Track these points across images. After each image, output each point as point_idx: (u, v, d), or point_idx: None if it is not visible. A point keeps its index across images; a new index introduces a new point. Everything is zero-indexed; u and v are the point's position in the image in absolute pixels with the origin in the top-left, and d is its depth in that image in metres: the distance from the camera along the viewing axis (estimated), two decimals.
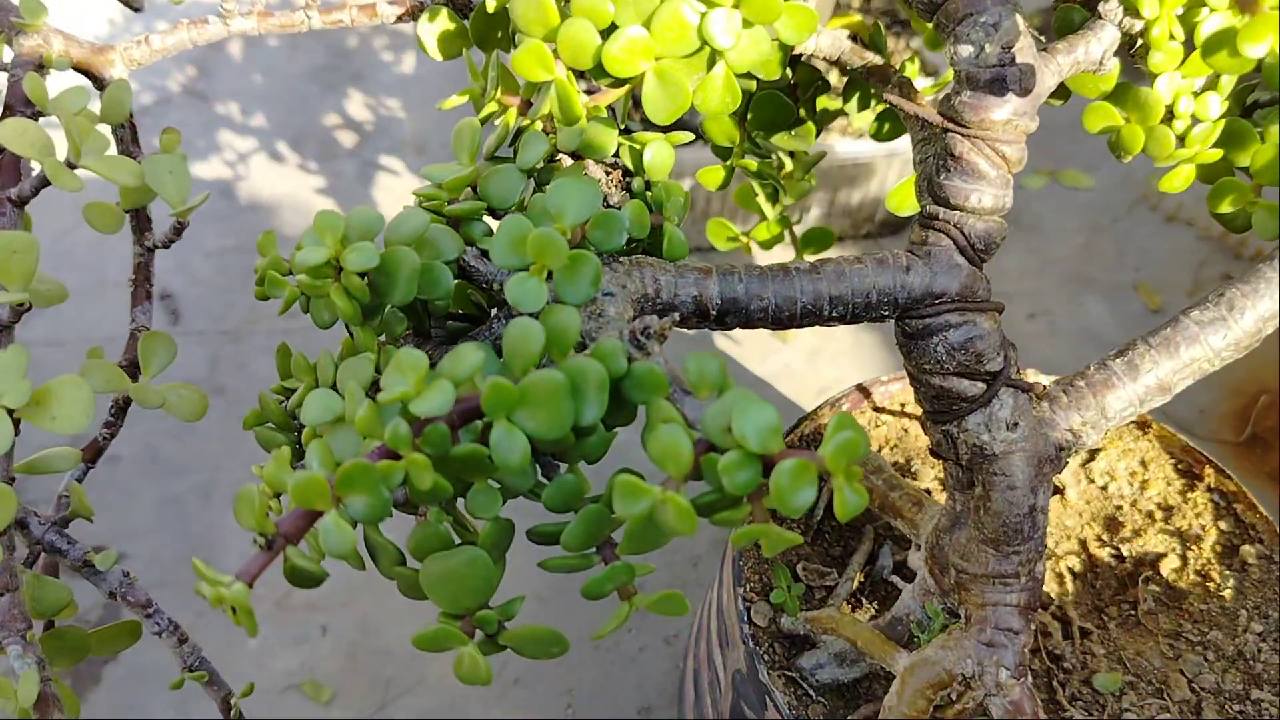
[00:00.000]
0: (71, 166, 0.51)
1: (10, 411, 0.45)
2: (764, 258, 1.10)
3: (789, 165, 0.76)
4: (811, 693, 0.66)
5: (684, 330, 1.24)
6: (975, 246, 0.54)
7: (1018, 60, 0.51)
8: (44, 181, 0.52)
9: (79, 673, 0.91)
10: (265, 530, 0.39)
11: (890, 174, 1.22)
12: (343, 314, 0.46)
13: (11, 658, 0.47)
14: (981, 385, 0.56)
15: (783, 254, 1.00)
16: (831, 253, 0.77)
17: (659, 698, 0.92)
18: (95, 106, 0.55)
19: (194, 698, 0.91)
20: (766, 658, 0.67)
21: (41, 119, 0.56)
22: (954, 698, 0.64)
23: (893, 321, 0.56)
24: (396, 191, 1.38)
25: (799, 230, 0.80)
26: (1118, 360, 0.59)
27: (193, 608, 0.95)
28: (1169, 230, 1.33)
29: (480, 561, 0.44)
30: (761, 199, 0.78)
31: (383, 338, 0.53)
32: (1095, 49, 0.55)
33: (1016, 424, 0.56)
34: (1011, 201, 0.55)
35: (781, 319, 0.54)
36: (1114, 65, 0.57)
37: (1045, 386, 0.60)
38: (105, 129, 0.58)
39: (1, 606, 0.47)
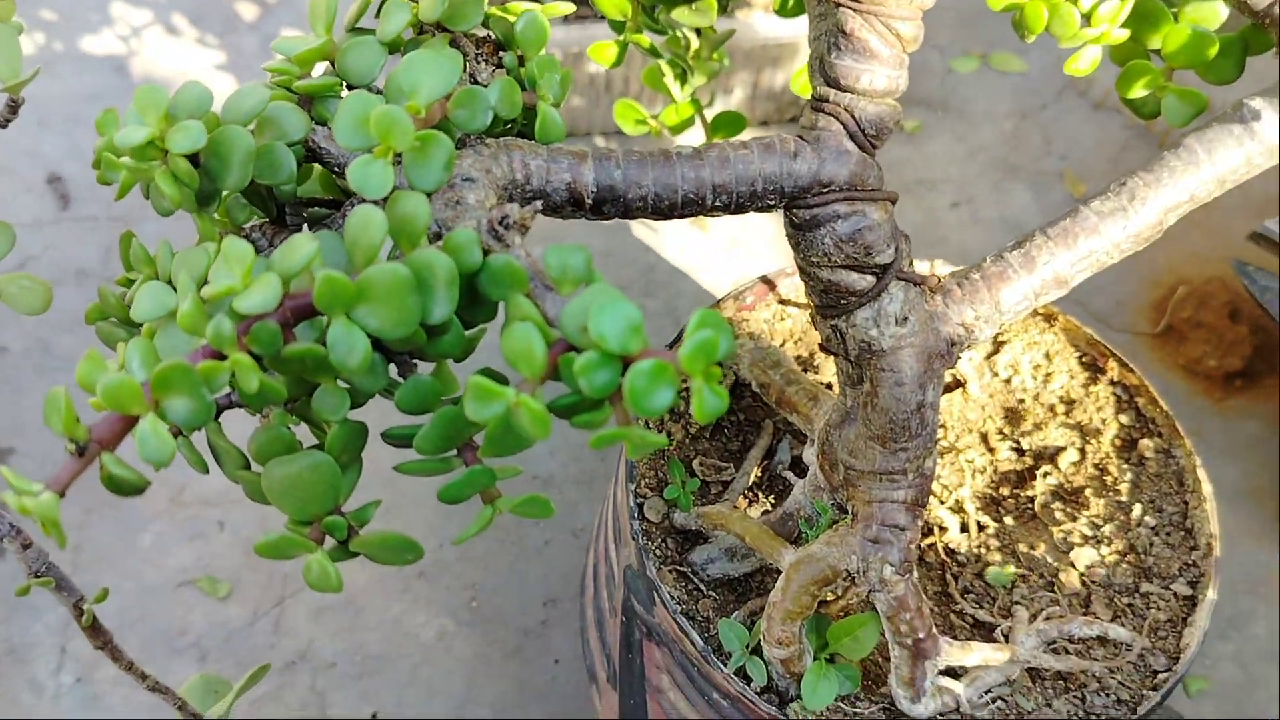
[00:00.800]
0: None
1: None
2: (675, 143, 1.05)
3: (696, 44, 0.72)
4: (702, 587, 0.66)
5: (604, 222, 1.21)
6: (866, 132, 0.51)
7: None
8: None
9: None
10: (76, 436, 0.36)
11: None
12: (171, 200, 0.42)
13: None
14: (871, 279, 0.54)
15: (694, 138, 0.96)
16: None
17: (565, 589, 0.91)
18: None
19: None
20: (658, 553, 0.66)
21: None
22: (839, 593, 0.63)
23: (782, 212, 0.54)
24: None
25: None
26: (1014, 252, 0.57)
27: (82, 504, 0.92)
28: (1098, 117, 1.30)
29: (325, 466, 0.42)
30: (669, 79, 0.74)
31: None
32: None
33: (906, 319, 0.55)
34: (906, 83, 0.52)
35: (662, 208, 0.51)
36: None
37: (940, 279, 0.58)
38: None
39: None
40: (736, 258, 1.16)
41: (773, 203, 0.52)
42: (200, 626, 0.87)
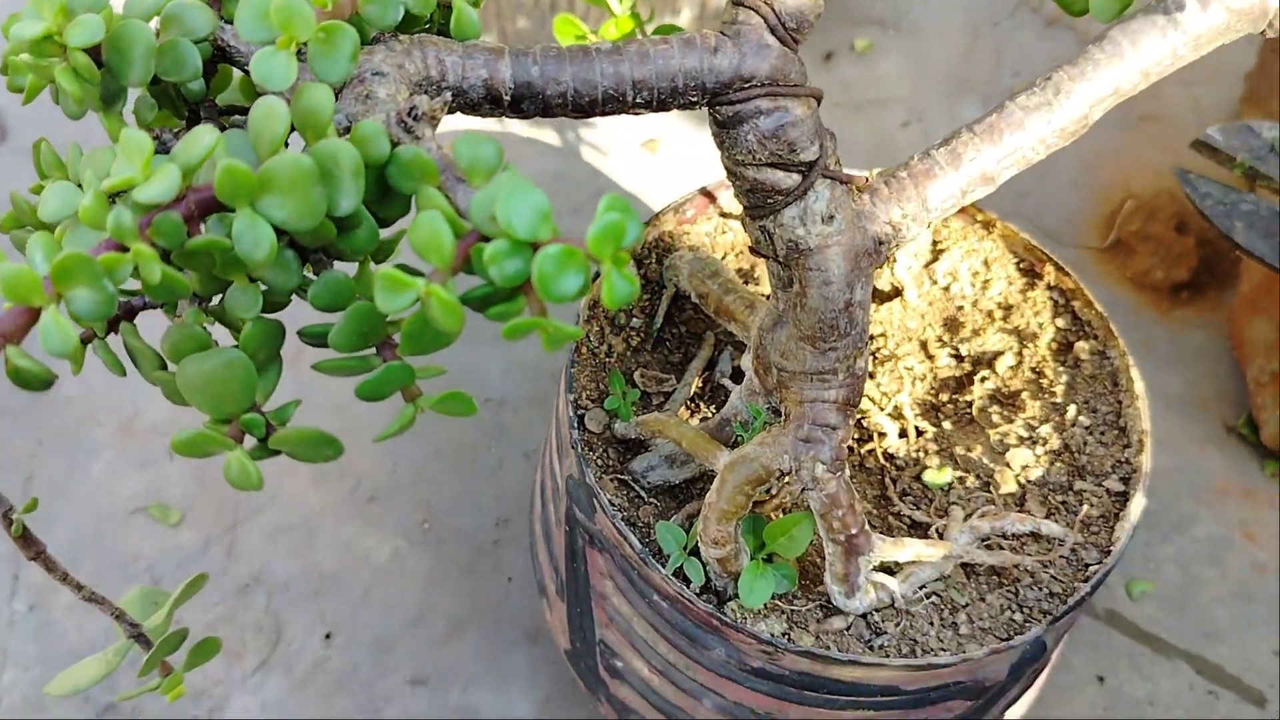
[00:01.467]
0: None
1: None
2: None
3: None
4: (643, 494, 0.66)
5: (556, 146, 1.18)
6: (786, 25, 0.51)
7: None
8: None
9: None
10: None
11: None
12: (73, 98, 0.41)
13: None
14: (797, 177, 0.54)
15: None
16: None
17: (518, 508, 0.92)
18: None
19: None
20: (599, 463, 0.67)
21: None
22: (772, 492, 0.64)
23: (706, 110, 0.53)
24: None
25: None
26: (941, 150, 0.57)
27: (33, 435, 0.92)
28: (1050, 34, 1.30)
29: (239, 363, 0.42)
30: None
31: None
32: None
33: (833, 217, 0.55)
34: None
35: (582, 105, 0.50)
36: None
37: (868, 179, 0.58)
38: None
39: None
40: (688, 181, 1.15)
41: (694, 99, 0.51)
42: (152, 553, 0.87)
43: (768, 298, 0.74)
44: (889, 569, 0.62)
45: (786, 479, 0.63)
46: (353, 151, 0.40)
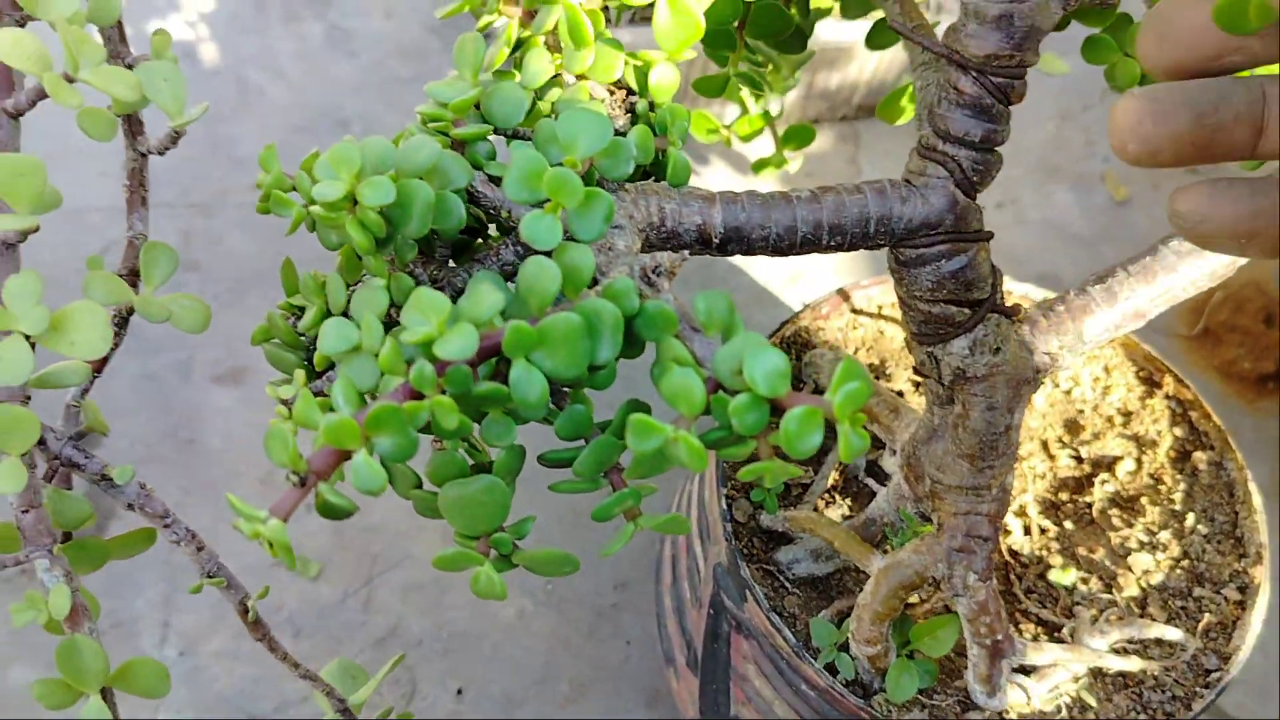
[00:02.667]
0: (69, 80, 0.50)
1: (27, 338, 0.46)
2: (744, 149, 1.08)
3: (777, 62, 0.76)
4: (787, 585, 0.70)
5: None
6: (971, 179, 0.55)
7: None
8: (42, 94, 0.51)
9: None
10: (298, 468, 0.41)
11: (869, 59, 1.21)
12: (359, 247, 0.46)
13: (40, 571, 0.49)
14: (968, 311, 0.58)
15: (762, 147, 0.99)
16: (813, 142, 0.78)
17: (635, 573, 0.96)
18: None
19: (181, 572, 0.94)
20: (745, 552, 0.71)
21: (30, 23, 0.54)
22: (924, 597, 0.68)
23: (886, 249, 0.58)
24: (363, 59, 1.35)
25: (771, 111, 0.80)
26: (1096, 286, 0.61)
27: (179, 484, 0.97)
28: None
29: (496, 488, 0.46)
30: (746, 94, 0.78)
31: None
32: None
33: (999, 349, 0.59)
34: (1009, 135, 0.56)
35: (782, 247, 0.55)
36: None
37: (1025, 309, 0.62)
38: (93, 29, 0.56)
39: (28, 523, 0.48)
40: (806, 266, 1.20)
41: (882, 242, 0.56)
42: (294, 604, 0.92)
43: (899, 395, 0.79)
44: (1025, 669, 0.66)
45: (939, 585, 0.67)
46: (614, 310, 0.44)
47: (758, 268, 1.18)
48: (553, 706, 0.88)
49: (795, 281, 1.18)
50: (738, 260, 1.18)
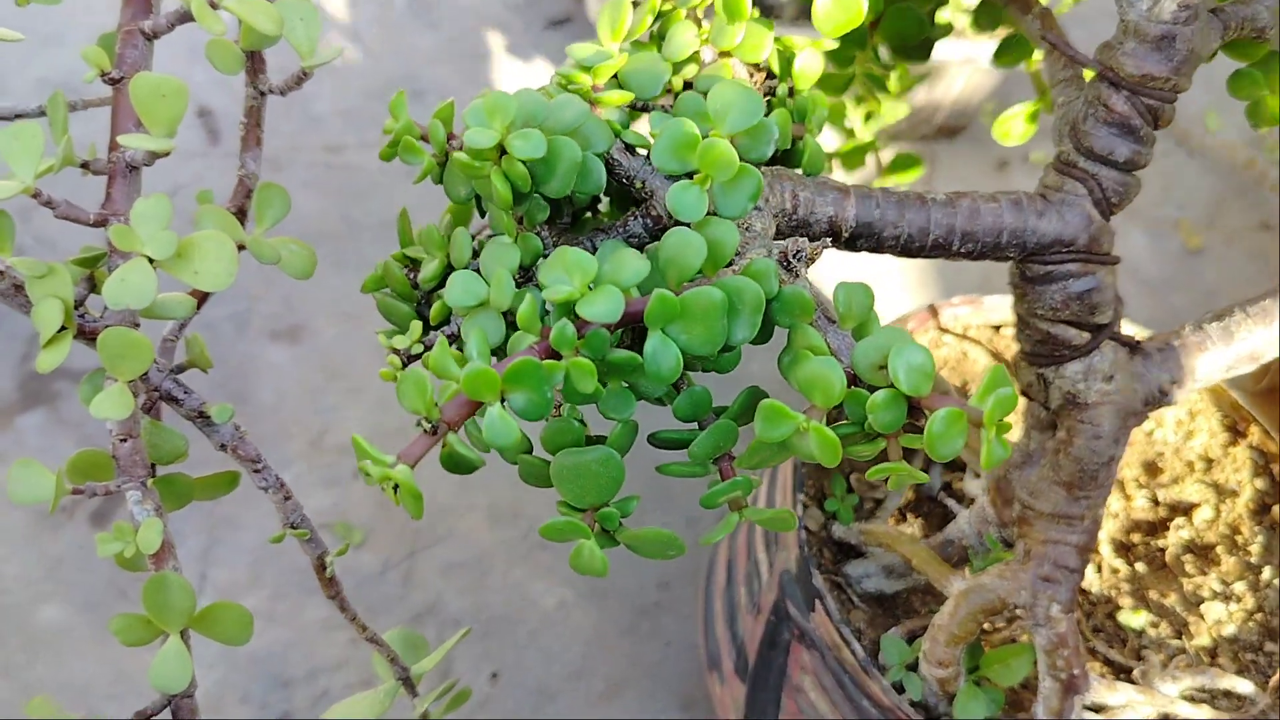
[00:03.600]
0: (213, 6, 0.49)
1: (151, 261, 0.45)
2: (845, 177, 1.07)
3: (892, 80, 0.75)
4: (854, 599, 0.69)
5: None
6: (1109, 199, 0.54)
7: (1193, 21, 0.50)
8: (182, 18, 0.50)
9: None
10: (431, 416, 0.39)
11: (960, 79, 1.20)
12: (499, 199, 0.45)
13: (131, 503, 0.47)
14: (1087, 335, 0.57)
15: (864, 175, 0.98)
16: (887, 153, 0.77)
17: (679, 574, 0.95)
18: None
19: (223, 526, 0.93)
20: (815, 562, 0.69)
21: None
22: (996, 626, 0.67)
23: (1011, 262, 0.57)
24: (444, 32, 1.34)
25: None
26: (1213, 324, 0.60)
27: None
28: (1215, 169, 1.32)
29: (612, 461, 0.45)
30: (858, 119, 0.77)
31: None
32: (1264, 15, 0.54)
33: (1112, 377, 0.58)
34: (1152, 159, 0.55)
35: (911, 249, 0.54)
36: (1275, 33, 0.56)
37: (1141, 343, 0.61)
38: None
39: (124, 452, 0.47)
40: (856, 263, 1.19)
41: (1013, 255, 0.55)
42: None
43: None
44: (1096, 708, 0.65)
45: (1013, 615, 0.66)
46: (756, 289, 0.43)
47: (818, 273, 1.17)
48: (585, 703, 0.87)
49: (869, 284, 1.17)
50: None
